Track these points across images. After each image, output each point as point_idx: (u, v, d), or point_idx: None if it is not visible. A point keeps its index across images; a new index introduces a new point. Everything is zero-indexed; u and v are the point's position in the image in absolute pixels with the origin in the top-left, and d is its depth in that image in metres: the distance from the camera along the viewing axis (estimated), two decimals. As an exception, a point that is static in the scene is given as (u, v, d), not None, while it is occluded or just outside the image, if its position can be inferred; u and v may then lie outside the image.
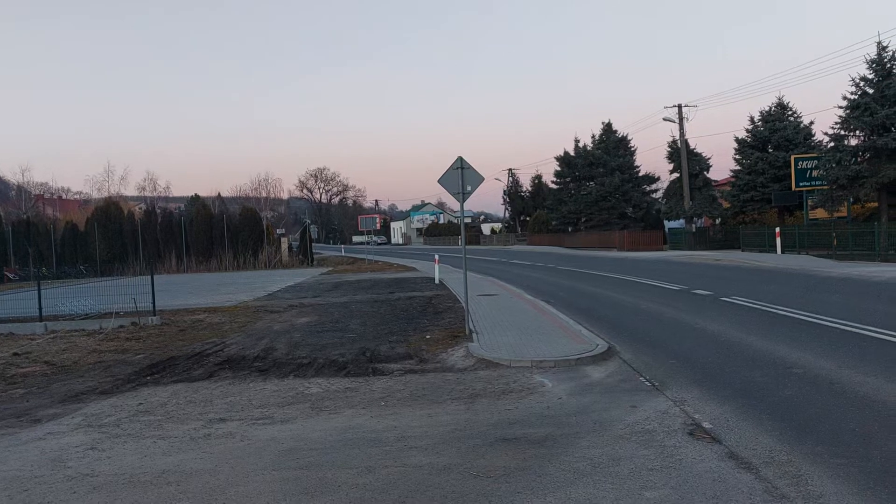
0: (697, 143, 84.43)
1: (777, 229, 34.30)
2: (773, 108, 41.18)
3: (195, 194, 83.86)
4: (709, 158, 47.09)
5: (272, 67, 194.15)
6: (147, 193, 74.63)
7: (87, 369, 11.00)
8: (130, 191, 75.96)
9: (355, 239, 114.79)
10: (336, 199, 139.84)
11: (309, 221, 63.56)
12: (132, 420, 7.72)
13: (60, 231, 45.43)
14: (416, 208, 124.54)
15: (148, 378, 10.11)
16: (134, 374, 10.38)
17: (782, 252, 33.07)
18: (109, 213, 45.10)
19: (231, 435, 6.93)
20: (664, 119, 45.97)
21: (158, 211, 50.61)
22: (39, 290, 16.76)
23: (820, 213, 34.34)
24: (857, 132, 30.51)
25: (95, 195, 70.82)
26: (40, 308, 16.42)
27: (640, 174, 57.27)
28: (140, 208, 58.71)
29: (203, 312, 18.24)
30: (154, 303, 16.56)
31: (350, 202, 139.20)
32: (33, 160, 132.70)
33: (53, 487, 5.65)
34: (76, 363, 11.58)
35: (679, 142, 45.83)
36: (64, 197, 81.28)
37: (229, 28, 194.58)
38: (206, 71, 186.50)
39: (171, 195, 79.91)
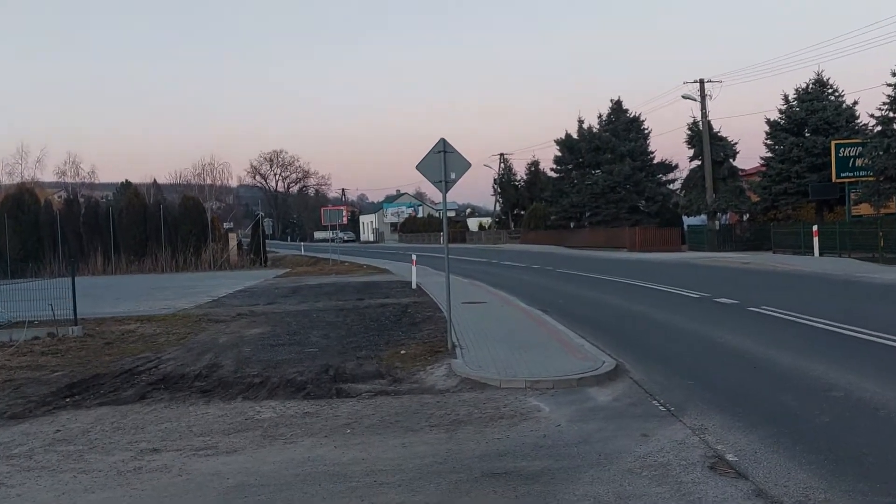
0: (722, 125, 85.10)
1: (814, 227, 34.62)
2: (810, 86, 41.54)
3: (126, 180, 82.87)
4: (735, 143, 47.54)
5: (217, 32, 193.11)
6: (68, 179, 73.84)
7: (-7, 389, 10.87)
8: (48, 176, 75.04)
9: (317, 235, 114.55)
10: (295, 188, 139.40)
11: (262, 214, 63.22)
12: (48, 450, 7.64)
13: (-38, 223, 44.88)
14: (391, 199, 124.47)
15: (67, 400, 10.00)
16: (50, 396, 10.27)
17: (820, 254, 33.41)
18: (22, 202, 44.56)
19: (166, 468, 6.88)
20: (683, 97, 46.31)
21: (82, 200, 50.13)
22: (-64, 294, 16.54)
23: (865, 209, 34.73)
24: (910, 114, 30.88)
25: (6, 181, 69.97)
26: (-63, 315, 16.19)
27: (655, 161, 57.63)
28: (59, 197, 58.18)
29: (134, 322, 18.10)
30: (75, 310, 16.39)
31: (311, 191, 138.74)
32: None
33: (-49, 531, 5.57)
34: (-20, 382, 11.43)
35: (701, 124, 46.17)
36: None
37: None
38: (138, 35, 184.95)
39: (97, 181, 79.18)
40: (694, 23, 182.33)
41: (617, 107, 58.78)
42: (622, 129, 57.04)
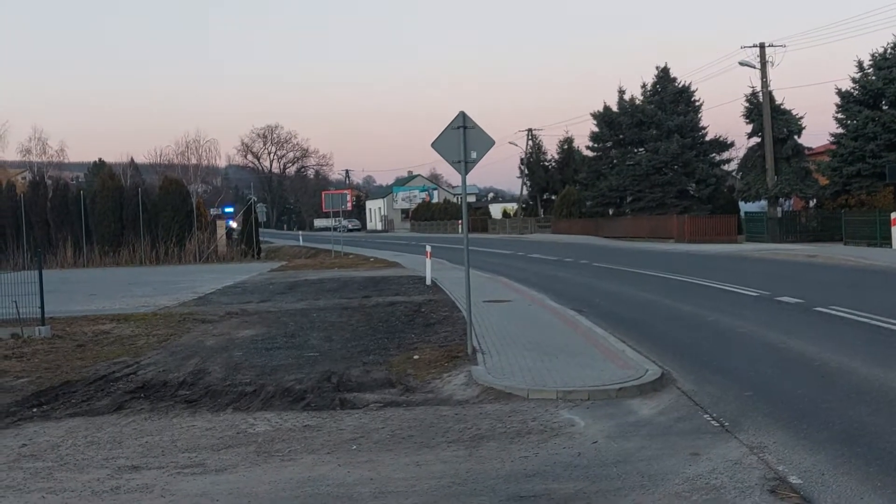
0: (786, 96, 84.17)
1: (893, 215, 34.38)
2: (888, 51, 41.10)
3: (99, 159, 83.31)
4: (801, 118, 47.08)
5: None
6: (34, 158, 74.31)
7: (-50, 397, 10.99)
8: (10, 155, 75.71)
9: (318, 223, 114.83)
10: (292, 169, 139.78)
11: (255, 198, 63.49)
12: (13, 467, 7.72)
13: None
14: (402, 182, 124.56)
15: (34, 410, 10.10)
16: (15, 406, 10.37)
17: (900, 246, 33.20)
18: (-19, 184, 44.99)
19: (147, 488, 6.94)
20: (740, 63, 45.92)
21: (49, 182, 50.47)
22: None
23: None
24: None
25: (-38, 160, 70.63)
26: None
27: (708, 138, 57.24)
28: (24, 178, 58.61)
29: (110, 321, 18.23)
30: (43, 308, 16.53)
31: (311, 173, 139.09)
32: None
33: None
34: (-64, 389, 11.56)
35: (761, 95, 45.80)
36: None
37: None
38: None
39: (66, 161, 79.67)
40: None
41: (663, 75, 58.36)
42: (669, 100, 56.69)
